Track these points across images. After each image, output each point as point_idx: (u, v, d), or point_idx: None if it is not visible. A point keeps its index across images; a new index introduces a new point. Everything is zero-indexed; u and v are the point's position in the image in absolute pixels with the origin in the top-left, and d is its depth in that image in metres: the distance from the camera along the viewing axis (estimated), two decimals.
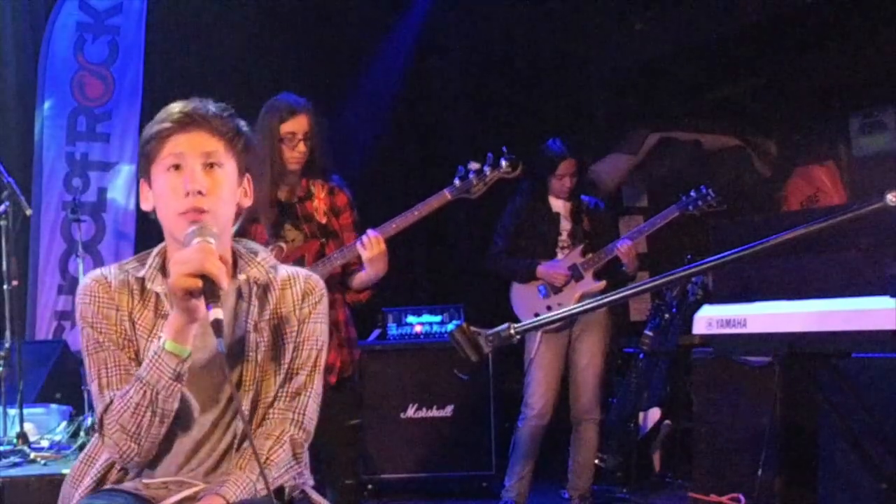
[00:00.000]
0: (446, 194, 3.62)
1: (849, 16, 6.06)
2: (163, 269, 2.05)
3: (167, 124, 1.98)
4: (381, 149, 6.88)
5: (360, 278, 3.62)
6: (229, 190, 2.01)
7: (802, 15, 6.18)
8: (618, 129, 7.46)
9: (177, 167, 1.97)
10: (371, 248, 3.49)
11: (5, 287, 4.78)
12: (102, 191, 6.46)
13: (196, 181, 1.95)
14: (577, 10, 6.86)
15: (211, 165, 1.98)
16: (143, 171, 2.04)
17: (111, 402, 1.95)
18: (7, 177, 4.76)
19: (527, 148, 5.16)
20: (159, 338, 1.91)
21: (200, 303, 1.85)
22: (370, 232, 3.53)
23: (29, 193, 5.95)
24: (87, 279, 2.06)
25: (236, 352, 2.02)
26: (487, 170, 3.61)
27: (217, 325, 1.80)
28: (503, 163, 3.61)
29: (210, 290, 1.83)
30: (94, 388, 2.01)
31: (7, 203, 4.75)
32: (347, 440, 3.69)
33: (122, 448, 1.95)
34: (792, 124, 6.93)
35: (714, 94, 7.08)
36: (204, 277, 1.83)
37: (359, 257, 3.54)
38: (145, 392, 1.90)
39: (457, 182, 3.62)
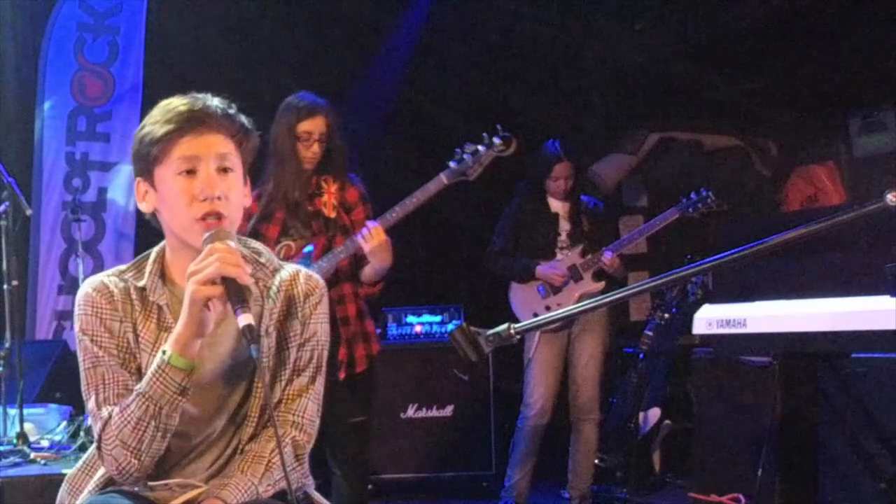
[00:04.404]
0: (443, 178, 3.62)
1: (848, 16, 6.06)
2: (162, 277, 1.98)
3: (175, 125, 1.88)
4: (379, 148, 6.87)
5: (367, 271, 3.62)
6: (240, 192, 1.95)
7: (802, 15, 6.18)
8: (618, 129, 7.46)
9: (190, 171, 1.88)
10: (371, 239, 3.48)
11: (5, 287, 4.77)
12: (102, 191, 6.45)
13: (214, 186, 1.87)
14: (577, 9, 6.86)
15: (225, 169, 1.90)
16: (144, 172, 1.94)
17: (110, 417, 1.88)
18: (7, 177, 4.75)
19: (526, 148, 5.17)
20: (163, 351, 1.85)
21: (212, 315, 1.80)
22: (369, 223, 3.53)
23: (29, 193, 5.93)
24: (87, 288, 1.96)
25: (249, 358, 1.92)
26: (482, 149, 3.61)
27: (249, 331, 1.73)
28: (497, 141, 3.61)
29: (235, 293, 1.77)
30: (90, 404, 1.93)
31: (7, 203, 4.74)
32: (354, 436, 3.68)
33: (121, 463, 1.88)
34: (792, 124, 6.93)
35: (714, 94, 7.07)
36: (225, 281, 1.77)
37: None
38: (147, 407, 1.84)
39: (452, 165, 3.62)
